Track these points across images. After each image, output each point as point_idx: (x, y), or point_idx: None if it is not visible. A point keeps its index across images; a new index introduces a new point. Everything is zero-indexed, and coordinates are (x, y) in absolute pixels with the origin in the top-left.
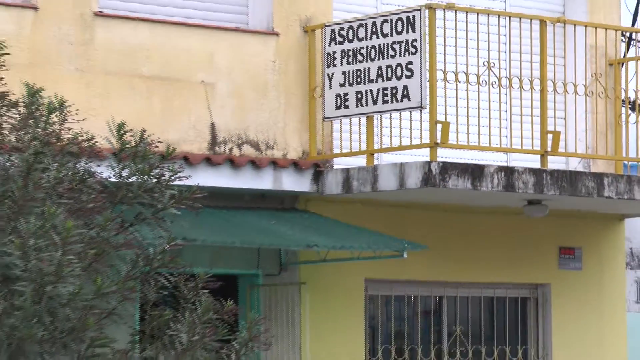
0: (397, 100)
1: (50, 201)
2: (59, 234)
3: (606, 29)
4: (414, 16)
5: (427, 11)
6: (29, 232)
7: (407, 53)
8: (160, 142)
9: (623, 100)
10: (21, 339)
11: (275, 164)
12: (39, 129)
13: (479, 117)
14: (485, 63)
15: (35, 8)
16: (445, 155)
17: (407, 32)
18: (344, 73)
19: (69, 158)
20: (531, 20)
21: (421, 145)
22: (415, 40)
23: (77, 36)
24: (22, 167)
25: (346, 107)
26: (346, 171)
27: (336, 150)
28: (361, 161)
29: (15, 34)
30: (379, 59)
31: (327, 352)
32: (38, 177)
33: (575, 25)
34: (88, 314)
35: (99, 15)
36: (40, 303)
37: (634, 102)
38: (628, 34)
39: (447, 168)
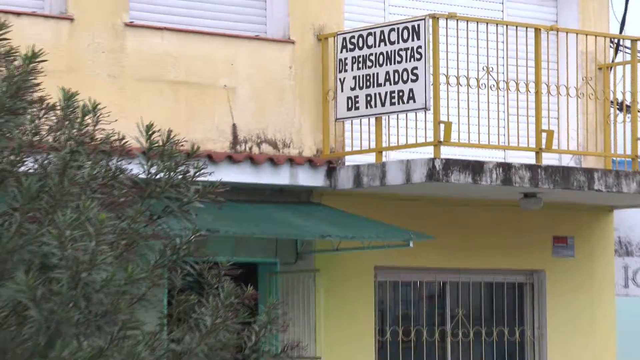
0: (403, 102)
1: (85, 196)
2: (93, 225)
3: (596, 36)
4: (418, 25)
5: (430, 20)
6: (65, 223)
7: (412, 59)
8: (185, 141)
9: (611, 102)
10: (59, 322)
11: (291, 161)
12: (74, 130)
13: (478, 118)
14: (485, 68)
15: (71, 19)
16: (447, 152)
17: (413, 39)
18: (354, 77)
19: (102, 156)
20: (527, 28)
21: (426, 144)
22: (420, 47)
23: (109, 45)
24: (59, 164)
25: (357, 108)
26: (357, 167)
27: (347, 149)
28: (370, 158)
29: (52, 42)
30: (386, 64)
31: (339, 333)
32: (73, 173)
33: (567, 32)
34: (120, 299)
35: (130, 25)
36: (76, 289)
37: (622, 103)
38: (616, 41)
39: (449, 164)
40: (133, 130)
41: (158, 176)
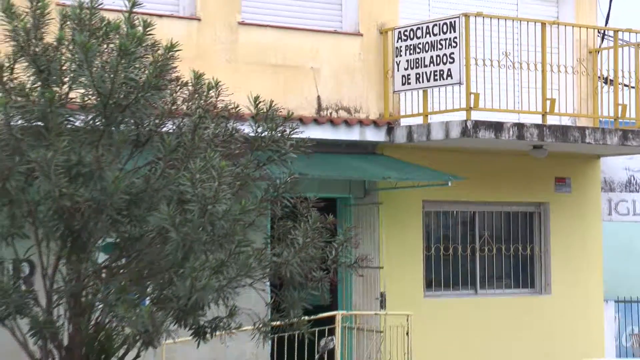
0: (443, 79)
1: (210, 149)
2: (216, 171)
3: (587, 28)
4: (454, 21)
5: (463, 18)
6: (195, 169)
7: (450, 46)
8: (283, 109)
9: (599, 77)
10: (191, 241)
11: (361, 122)
12: (202, 101)
13: (499, 90)
14: (504, 52)
15: (199, 19)
16: (476, 116)
17: (450, 32)
18: (407, 61)
19: (222, 120)
20: (535, 22)
21: (460, 109)
22: (455, 37)
23: (227, 38)
24: (191, 126)
25: (409, 83)
26: (409, 127)
27: (402, 113)
28: (419, 120)
29: (185, 36)
30: (431, 50)
31: (396, 249)
32: (201, 133)
33: (565, 25)
34: (236, 224)
35: (242, 24)
36: (204, 217)
37: (606, 78)
38: (602, 32)
39: (477, 124)
40: (244, 101)
41: (263, 134)
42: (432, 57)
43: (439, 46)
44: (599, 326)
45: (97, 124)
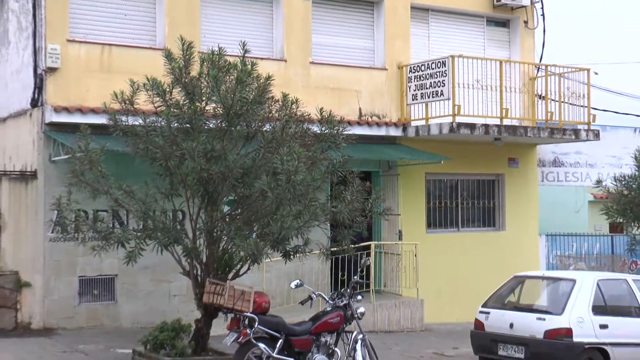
0: (438, 96)
1: (292, 141)
2: (296, 154)
3: (528, 64)
4: (445, 60)
5: (451, 58)
6: (283, 154)
7: (442, 76)
8: (337, 115)
9: (536, 95)
10: (281, 198)
11: (386, 124)
12: (287, 111)
13: (473, 103)
14: (476, 79)
15: (285, 60)
16: (458, 119)
17: (442, 67)
18: (415, 85)
19: (300, 123)
20: (495, 60)
21: (448, 115)
22: (446, 70)
23: (303, 72)
24: (280, 126)
25: (416, 99)
26: (417, 126)
27: (412, 118)
28: (423, 122)
29: (277, 72)
30: (430, 78)
31: (409, 202)
32: (287, 131)
33: (515, 62)
34: (308, 187)
35: (312, 63)
36: (289, 183)
37: (540, 95)
38: (538, 66)
39: (460, 125)
40: (314, 111)
41: (325, 131)
42: (431, 82)
43: (436, 76)
44: (535, 251)
45: (223, 125)
